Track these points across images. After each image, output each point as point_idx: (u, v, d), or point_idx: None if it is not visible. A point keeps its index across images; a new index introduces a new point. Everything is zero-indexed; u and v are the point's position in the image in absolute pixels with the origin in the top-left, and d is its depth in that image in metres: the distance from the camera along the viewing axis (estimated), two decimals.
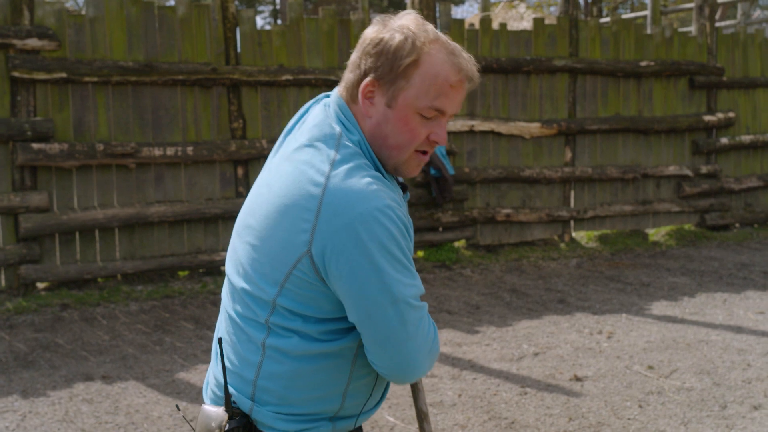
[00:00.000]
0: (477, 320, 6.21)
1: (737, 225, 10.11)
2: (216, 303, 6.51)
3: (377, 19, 1.67)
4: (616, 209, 9.19)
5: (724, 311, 6.39)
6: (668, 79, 9.59)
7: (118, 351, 5.35)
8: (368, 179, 1.54)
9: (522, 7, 22.19)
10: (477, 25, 8.71)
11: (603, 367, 5.05)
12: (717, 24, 11.59)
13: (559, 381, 4.82)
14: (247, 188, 7.35)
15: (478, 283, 7.37)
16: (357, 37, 7.69)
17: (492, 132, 8.53)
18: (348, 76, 1.67)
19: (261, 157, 7.34)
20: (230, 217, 7.19)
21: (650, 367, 5.02)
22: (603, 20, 11.64)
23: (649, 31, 10.13)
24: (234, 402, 1.63)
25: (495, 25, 8.87)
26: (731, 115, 9.97)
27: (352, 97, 1.66)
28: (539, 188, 8.84)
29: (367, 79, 1.62)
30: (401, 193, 1.71)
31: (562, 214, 8.88)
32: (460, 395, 4.57)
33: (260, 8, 34.54)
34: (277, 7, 32.42)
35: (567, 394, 4.60)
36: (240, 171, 7.32)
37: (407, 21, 1.63)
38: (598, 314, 6.31)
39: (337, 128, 1.63)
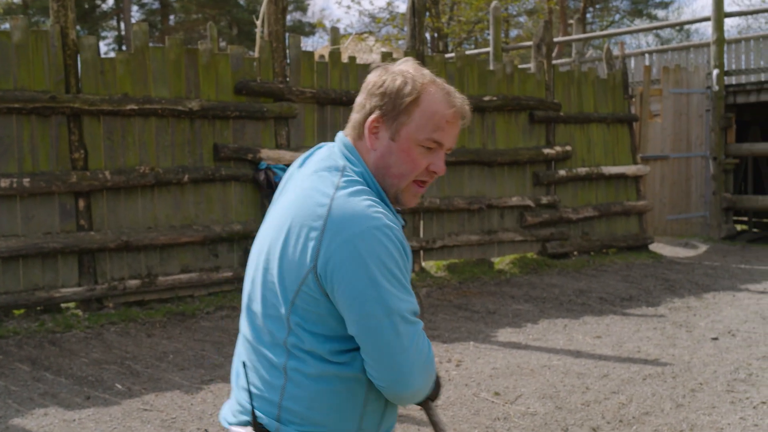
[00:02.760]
0: None
1: (575, 253, 10.62)
2: (55, 342, 6.19)
3: (378, 65, 1.88)
4: (463, 239, 9.45)
5: (564, 336, 6.67)
6: (510, 113, 10.00)
7: None
8: (369, 201, 1.70)
9: (371, 41, 22.60)
10: (327, 58, 8.78)
11: (452, 395, 5.14)
12: (554, 62, 12.22)
13: (410, 410, 4.87)
14: (89, 221, 7.05)
15: None
16: (205, 66, 7.61)
17: None
18: (354, 116, 1.86)
19: (104, 189, 7.07)
20: (70, 251, 6.87)
21: (496, 394, 5.15)
22: (448, 56, 12.01)
23: (491, 67, 10.54)
24: (261, 423, 1.74)
25: (344, 58, 8.96)
26: (568, 148, 10.50)
27: (358, 134, 1.84)
28: None
29: (373, 116, 1.80)
30: (399, 219, 1.84)
31: (412, 244, 9.04)
32: None
33: (104, 34, 33.49)
34: (122, 33, 31.54)
35: (417, 423, 4.64)
36: (81, 203, 7.02)
37: (407, 66, 1.83)
38: (447, 342, 6.43)
39: (341, 162, 1.80)
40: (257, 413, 1.74)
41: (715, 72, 13.02)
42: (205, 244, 7.64)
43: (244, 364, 1.76)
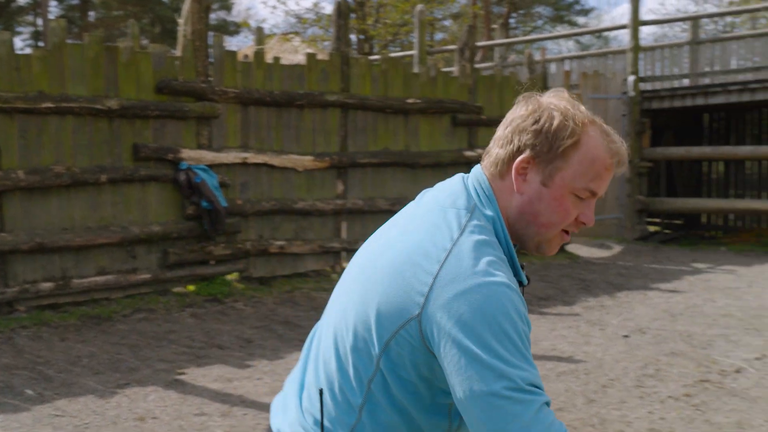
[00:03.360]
0: (249, 354, 6.18)
1: None
2: None
3: (527, 95, 1.66)
4: None
5: None
6: (433, 116, 10.13)
7: None
8: (493, 258, 1.51)
9: (297, 41, 22.53)
10: (251, 58, 8.74)
11: None
12: (477, 65, 12.40)
13: None
14: (1, 222, 6.87)
15: (251, 317, 7.34)
16: (126, 64, 7.51)
17: (265, 164, 8.56)
18: (496, 151, 1.65)
19: (17, 189, 6.89)
20: None
21: None
22: (373, 58, 12.08)
23: (416, 70, 10.65)
24: None
25: (269, 59, 8.94)
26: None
27: (500, 172, 1.63)
28: (312, 220, 8.97)
29: (523, 156, 1.60)
30: (522, 276, 1.67)
31: (334, 245, 9.07)
32: None
33: (19, 29, 32.55)
34: (39, 29, 30.72)
35: None
36: None
37: (562, 102, 1.62)
38: None
39: (473, 200, 1.61)
40: None
41: (631, 78, 13.42)
42: (123, 245, 7.52)
43: (321, 393, 1.62)
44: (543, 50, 13.83)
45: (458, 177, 1.70)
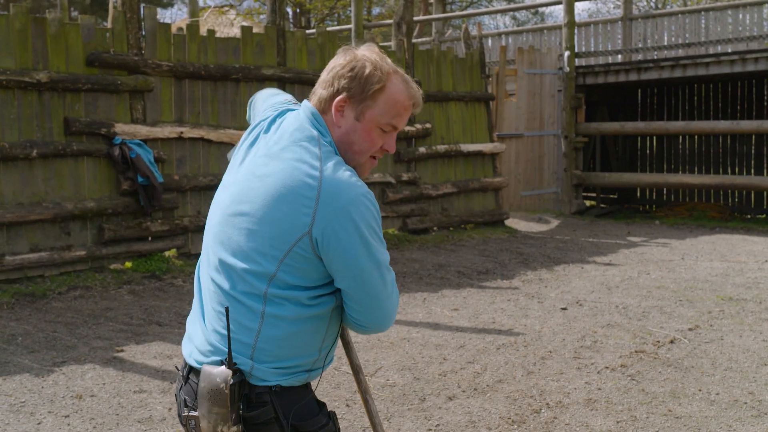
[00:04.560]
0: None
1: (435, 228, 10.86)
2: None
3: (345, 48, 2.06)
4: None
5: (423, 309, 6.83)
6: None
7: None
8: (350, 172, 1.94)
9: (232, 14, 22.18)
10: (185, 31, 8.55)
11: None
12: (414, 40, 12.38)
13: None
14: None
15: (190, 293, 7.24)
16: (54, 36, 7.28)
17: (202, 139, 8.42)
18: (320, 91, 2.03)
19: None
20: None
21: None
22: (309, 32, 11.95)
23: (353, 44, 10.56)
24: (235, 362, 1.92)
25: (203, 31, 8.77)
26: (428, 126, 10.70)
27: (323, 110, 2.02)
28: None
29: (341, 96, 1.99)
30: None
31: None
32: (170, 409, 4.45)
33: None
34: None
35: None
36: None
37: (372, 54, 2.02)
38: None
39: (314, 132, 1.99)
40: (234, 353, 1.92)
41: (566, 54, 13.57)
42: (56, 221, 7.32)
43: (227, 311, 1.91)
44: (479, 25, 13.84)
45: (295, 114, 2.06)
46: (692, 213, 13.55)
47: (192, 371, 2.01)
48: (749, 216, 13.87)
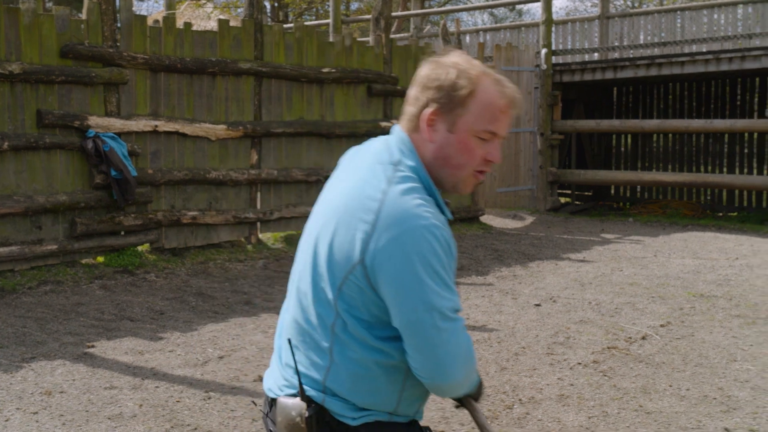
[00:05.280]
0: (161, 326, 6.06)
1: None
2: None
3: (429, 59, 1.93)
4: (301, 210, 9.45)
5: None
6: (349, 85, 10.06)
7: None
8: (420, 201, 1.77)
9: (209, 7, 22.02)
10: (161, 23, 8.48)
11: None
12: (392, 36, 12.37)
13: (244, 383, 4.85)
14: None
15: (163, 288, 7.19)
16: (28, 27, 7.20)
17: (177, 133, 8.36)
18: (409, 109, 1.91)
19: None
20: None
21: None
22: (287, 26, 11.91)
23: (331, 39, 10.55)
24: (309, 396, 1.84)
25: (180, 24, 8.70)
26: None
27: (414, 127, 1.89)
28: (226, 190, 8.83)
29: (429, 109, 1.86)
30: (448, 213, 1.90)
31: (249, 215, 8.96)
32: (141, 405, 4.42)
33: None
34: None
35: (251, 395, 4.63)
36: None
37: (458, 59, 1.89)
38: None
39: (396, 155, 1.86)
40: (305, 387, 1.85)
41: (544, 51, 13.62)
42: (28, 215, 7.24)
43: (290, 342, 1.87)
44: (458, 21, 13.85)
45: (383, 137, 1.97)
46: (665, 210, 13.67)
47: (274, 402, 1.95)
48: (721, 214, 14.02)
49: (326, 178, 9.63)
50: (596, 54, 14.87)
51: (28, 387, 4.64)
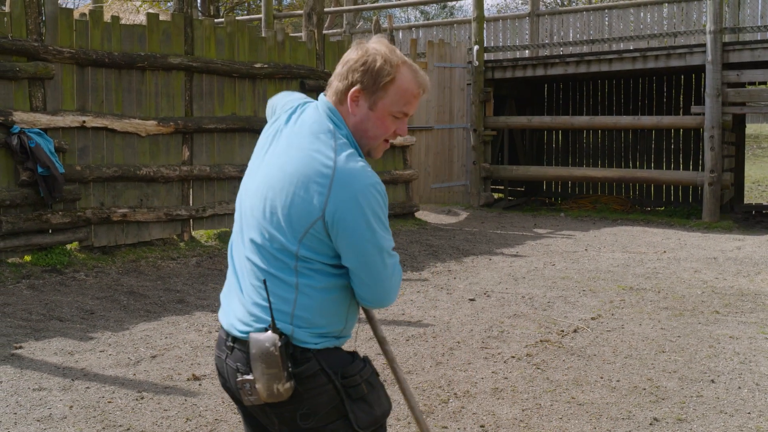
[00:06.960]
0: (91, 326, 5.93)
1: None
2: None
3: (358, 42, 2.25)
4: (235, 207, 9.33)
5: None
6: (281, 81, 9.99)
7: None
8: (363, 163, 2.15)
9: (138, 1, 21.60)
10: (88, 17, 8.28)
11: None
12: (325, 32, 12.32)
13: (177, 382, 4.78)
14: None
15: (93, 287, 7.04)
16: None
17: (106, 129, 8.19)
18: (336, 84, 2.24)
19: None
20: None
21: None
22: (218, 21, 11.75)
23: (263, 34, 10.45)
24: (279, 328, 2.13)
25: (107, 18, 8.51)
26: None
27: (339, 100, 2.23)
28: (157, 187, 8.68)
29: (355, 88, 2.20)
30: None
31: (181, 213, 8.82)
32: (71, 407, 4.32)
33: None
34: None
35: (185, 394, 4.57)
36: None
37: (382, 47, 2.22)
38: (216, 312, 6.36)
39: (331, 125, 2.21)
40: (276, 320, 2.13)
41: (476, 48, 13.74)
42: None
43: (265, 283, 2.13)
44: (391, 18, 13.88)
45: (314, 107, 2.28)
46: (596, 205, 13.94)
47: (236, 341, 2.20)
48: (649, 208, 14.37)
49: None
50: (527, 51, 15.07)
51: None
